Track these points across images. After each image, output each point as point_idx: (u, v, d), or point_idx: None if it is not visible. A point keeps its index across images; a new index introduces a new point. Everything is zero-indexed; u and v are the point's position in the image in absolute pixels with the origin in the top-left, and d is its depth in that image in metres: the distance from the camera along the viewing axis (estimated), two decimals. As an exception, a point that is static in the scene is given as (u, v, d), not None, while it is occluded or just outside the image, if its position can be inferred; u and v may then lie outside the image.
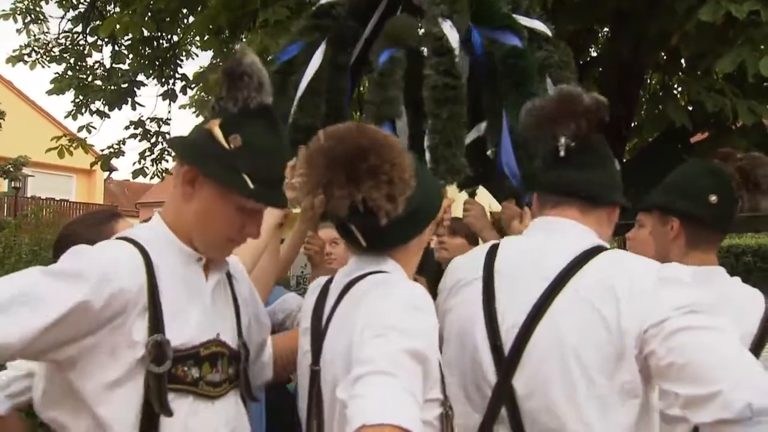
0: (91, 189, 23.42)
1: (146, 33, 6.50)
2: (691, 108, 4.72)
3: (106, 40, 6.66)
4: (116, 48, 6.84)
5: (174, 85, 7.00)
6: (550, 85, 2.46)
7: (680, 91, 5.63)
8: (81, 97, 6.84)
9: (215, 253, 1.35)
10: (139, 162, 7.36)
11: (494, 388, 1.42)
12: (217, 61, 6.11)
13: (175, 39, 6.83)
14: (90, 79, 6.97)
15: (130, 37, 6.43)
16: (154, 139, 7.28)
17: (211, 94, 6.00)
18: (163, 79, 6.89)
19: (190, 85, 7.09)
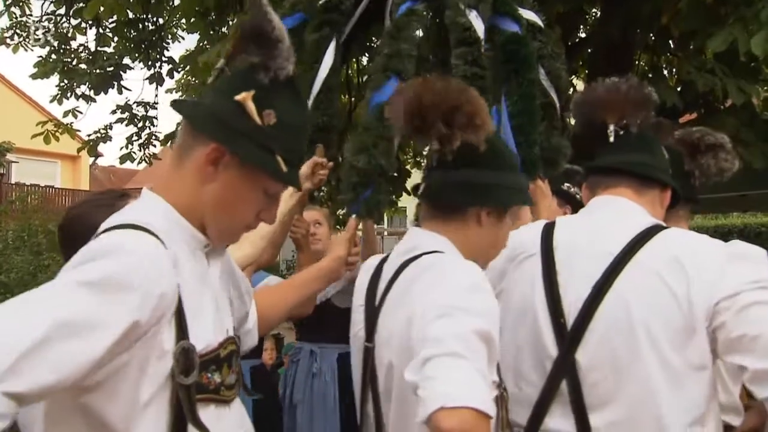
0: (76, 175, 23.16)
1: (131, 15, 6.40)
2: (680, 88, 4.73)
3: (91, 22, 6.53)
4: (101, 31, 6.71)
5: (161, 68, 6.88)
6: (543, 75, 2.50)
7: (669, 71, 5.65)
8: (66, 81, 6.72)
9: (227, 240, 1.22)
10: (127, 147, 7.26)
11: (555, 362, 1.44)
12: (204, 44, 6.03)
13: (161, 21, 6.72)
14: (75, 62, 6.84)
15: (115, 19, 6.32)
16: (141, 124, 7.18)
17: (200, 77, 5.93)
18: (150, 63, 6.78)
19: (176, 69, 7.00)
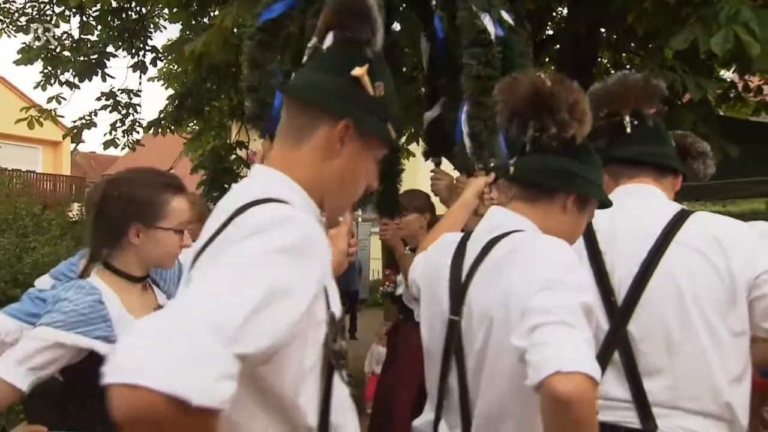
0: (58, 161, 23.02)
1: (115, 4, 6.51)
2: (641, 84, 4.95)
3: (74, 10, 6.62)
4: (84, 19, 6.81)
5: (144, 57, 7.01)
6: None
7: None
8: (50, 68, 6.81)
9: (338, 215, 1.28)
10: (110, 133, 7.37)
11: (606, 335, 1.58)
12: (187, 34, 6.16)
13: (144, 11, 6.83)
14: (58, 50, 6.93)
15: (99, 7, 6.43)
16: (125, 111, 7.30)
17: (183, 66, 6.03)
18: (133, 51, 6.90)
19: (159, 57, 7.13)
